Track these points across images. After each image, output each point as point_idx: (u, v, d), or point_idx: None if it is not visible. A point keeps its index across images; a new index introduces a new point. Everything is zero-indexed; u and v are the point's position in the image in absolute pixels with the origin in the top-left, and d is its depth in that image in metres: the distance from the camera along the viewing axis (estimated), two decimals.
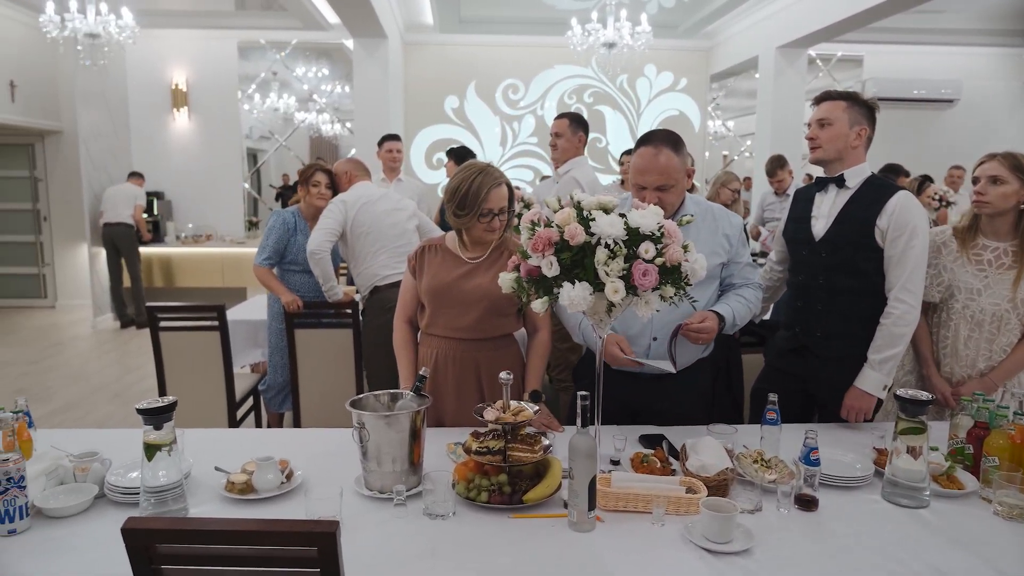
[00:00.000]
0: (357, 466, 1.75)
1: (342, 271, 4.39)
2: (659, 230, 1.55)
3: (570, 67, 8.47)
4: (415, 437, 1.72)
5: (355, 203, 3.51)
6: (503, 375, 1.74)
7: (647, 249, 1.51)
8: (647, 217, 1.55)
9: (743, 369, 2.81)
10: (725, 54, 8.46)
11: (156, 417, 1.55)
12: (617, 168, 5.30)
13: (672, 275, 1.54)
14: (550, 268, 1.54)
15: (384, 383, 3.47)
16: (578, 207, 1.59)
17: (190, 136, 8.29)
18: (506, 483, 1.64)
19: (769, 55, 7.37)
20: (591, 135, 8.32)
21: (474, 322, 2.16)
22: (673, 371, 2.02)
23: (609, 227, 1.51)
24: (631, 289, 1.51)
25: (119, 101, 7.96)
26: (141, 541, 1.17)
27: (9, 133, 7.83)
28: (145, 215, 7.52)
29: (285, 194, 8.93)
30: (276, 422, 3.83)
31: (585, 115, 4.27)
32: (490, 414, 1.69)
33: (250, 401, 3.79)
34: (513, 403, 1.75)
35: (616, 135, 8.68)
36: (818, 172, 2.31)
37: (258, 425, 3.89)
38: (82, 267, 7.98)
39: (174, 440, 1.60)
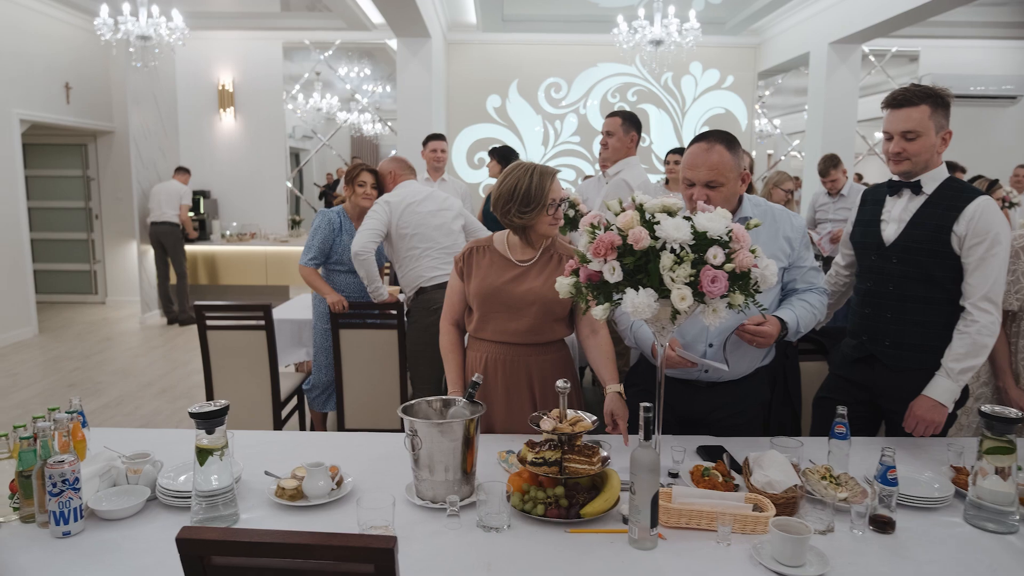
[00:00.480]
0: (407, 473, 1.72)
1: (386, 271, 4.38)
2: (727, 234, 1.47)
3: (614, 65, 8.37)
4: (468, 445, 1.67)
5: (400, 203, 3.47)
6: (560, 383, 1.68)
7: (715, 254, 1.43)
8: (715, 220, 1.48)
9: (801, 378, 2.70)
10: (774, 50, 8.25)
11: (208, 421, 1.54)
12: (662, 168, 5.18)
13: (741, 281, 1.46)
14: (612, 273, 1.48)
15: (428, 384, 3.45)
16: (640, 209, 1.52)
17: (235, 136, 8.41)
18: (563, 495, 1.58)
19: (821, 51, 7.16)
20: None
21: (526, 327, 2.10)
22: (726, 369, 1.95)
23: (675, 231, 1.44)
24: (698, 296, 1.44)
25: (168, 102, 8.12)
26: (196, 551, 1.15)
27: (64, 134, 8.04)
28: (191, 213, 7.65)
29: (328, 193, 9.01)
30: (320, 422, 3.83)
31: None
32: (547, 424, 1.63)
33: (294, 400, 3.80)
34: (570, 412, 1.69)
35: (660, 134, 8.55)
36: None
37: (302, 425, 3.90)
38: (131, 264, 8.16)
39: (226, 444, 1.58)
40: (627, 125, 3.53)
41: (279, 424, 3.47)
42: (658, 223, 1.48)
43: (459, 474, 1.67)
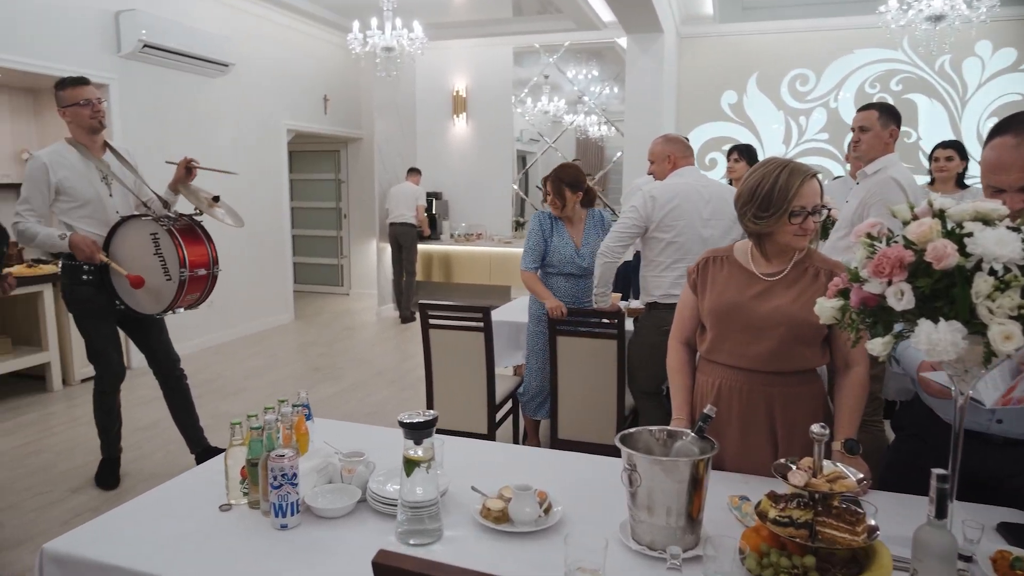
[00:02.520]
0: (622, 507, 1.52)
1: None
2: None
3: (874, 51, 7.37)
4: (696, 487, 1.43)
5: (667, 201, 3.02)
6: (817, 429, 1.37)
7: None
8: None
9: None
10: None
11: (417, 432, 1.48)
12: (929, 166, 4.41)
13: None
14: (899, 299, 1.15)
15: (648, 404, 3.22)
16: (942, 216, 1.17)
17: (466, 140, 8.80)
18: (813, 568, 1.28)
19: None
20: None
21: (768, 352, 1.79)
22: (986, 407, 1.46)
23: (998, 246, 1.08)
24: None
25: (408, 109, 8.71)
26: None
27: (322, 141, 8.99)
28: (425, 214, 8.12)
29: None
30: (532, 429, 3.76)
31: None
32: (797, 478, 1.33)
33: (509, 403, 3.77)
34: (828, 465, 1.38)
35: (931, 128, 7.33)
36: None
37: (515, 429, 3.86)
38: (371, 260, 8.89)
39: (432, 457, 1.50)
40: (885, 118, 2.99)
41: (493, 427, 3.45)
42: (969, 235, 1.12)
43: (683, 520, 1.43)
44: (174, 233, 3.16)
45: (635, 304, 4.01)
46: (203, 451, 3.55)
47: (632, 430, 1.57)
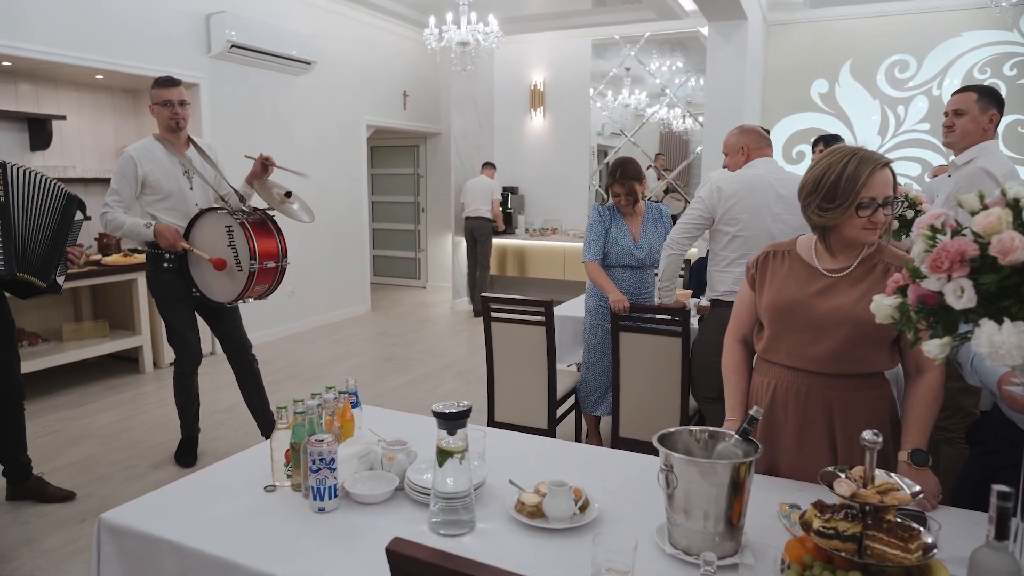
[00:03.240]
0: (662, 509, 1.46)
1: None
2: None
3: (984, 32, 6.81)
4: (736, 491, 1.35)
5: (734, 193, 2.85)
6: (869, 436, 1.26)
7: None
8: None
9: None
10: None
11: (450, 423, 1.47)
12: None
13: None
14: (959, 296, 1.04)
15: (711, 408, 3.10)
16: (1016, 207, 1.06)
17: (544, 134, 8.76)
18: None
19: None
20: (1011, 117, 6.58)
21: (830, 352, 1.68)
22: None
23: None
24: None
25: (486, 103, 8.75)
26: (403, 567, 1.07)
27: (401, 137, 9.16)
28: (500, 208, 8.14)
29: None
30: (593, 426, 3.70)
31: (1003, 92, 3.25)
32: (844, 487, 1.24)
33: (571, 400, 3.72)
34: (880, 475, 1.27)
35: None
36: None
37: (577, 426, 3.81)
38: (446, 254, 9.00)
39: (465, 448, 1.49)
40: (984, 101, 2.73)
41: (553, 423, 3.41)
42: None
43: (721, 525, 1.36)
44: (247, 226, 3.29)
45: (704, 301, 3.88)
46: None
47: (672, 429, 1.50)
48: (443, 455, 1.48)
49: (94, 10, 4.94)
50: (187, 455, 3.69)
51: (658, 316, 3.19)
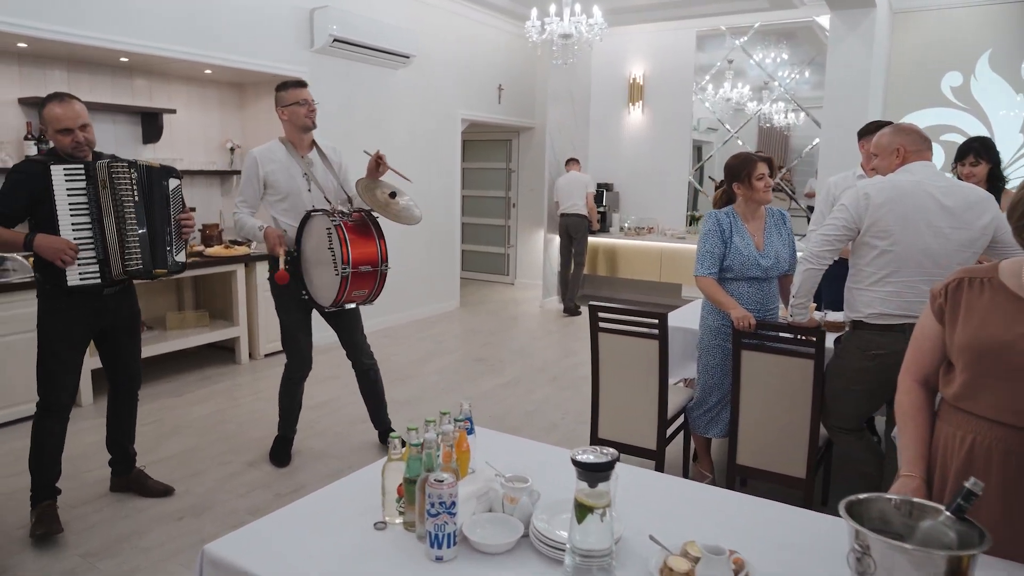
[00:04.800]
0: None
1: None
2: None
3: None
4: None
5: (882, 199, 2.51)
6: None
7: None
8: None
9: None
10: None
11: (593, 475, 1.26)
12: None
13: None
14: None
15: (847, 440, 2.78)
16: None
17: (641, 129, 8.43)
18: None
19: None
20: None
21: None
22: None
23: None
24: None
25: (583, 97, 8.48)
26: None
27: (495, 131, 9.02)
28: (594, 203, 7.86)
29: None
30: (703, 448, 3.42)
31: None
32: None
33: (681, 419, 3.45)
34: None
35: None
36: None
37: (685, 448, 3.54)
38: (537, 250, 8.81)
39: (609, 504, 1.28)
40: None
41: (663, 444, 3.17)
42: None
43: None
44: (342, 229, 3.21)
45: (832, 317, 3.52)
46: (384, 431, 3.85)
47: (862, 496, 1.25)
48: (583, 510, 1.28)
49: (204, 6, 4.99)
50: (282, 455, 3.66)
51: (787, 335, 2.89)
